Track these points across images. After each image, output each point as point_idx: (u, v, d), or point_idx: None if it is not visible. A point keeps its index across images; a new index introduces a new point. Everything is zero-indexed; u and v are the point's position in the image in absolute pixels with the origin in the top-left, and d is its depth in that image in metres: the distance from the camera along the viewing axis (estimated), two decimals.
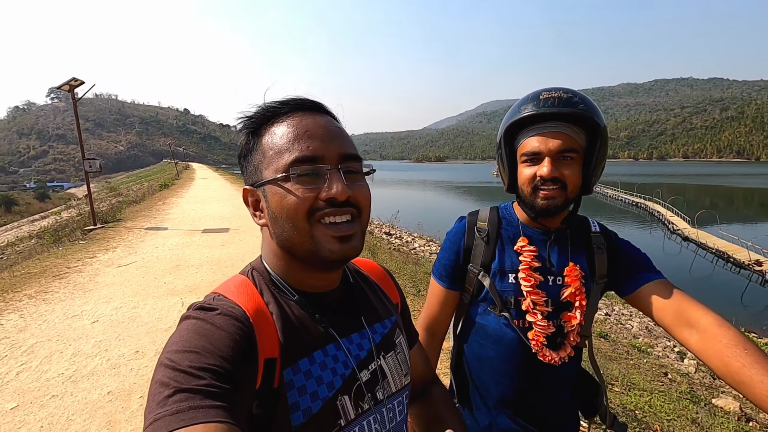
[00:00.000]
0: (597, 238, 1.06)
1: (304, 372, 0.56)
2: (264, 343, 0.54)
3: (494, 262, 1.06)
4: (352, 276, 0.74)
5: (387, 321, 0.72)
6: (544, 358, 1.00)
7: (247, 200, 0.64)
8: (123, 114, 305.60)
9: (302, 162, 0.56)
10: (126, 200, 16.30)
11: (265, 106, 0.61)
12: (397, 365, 0.69)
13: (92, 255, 6.88)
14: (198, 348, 0.48)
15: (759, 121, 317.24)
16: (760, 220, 28.72)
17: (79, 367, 3.13)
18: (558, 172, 0.95)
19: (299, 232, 0.57)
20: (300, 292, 0.62)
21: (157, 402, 0.44)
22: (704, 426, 3.40)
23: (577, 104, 0.93)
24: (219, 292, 0.59)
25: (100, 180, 63.21)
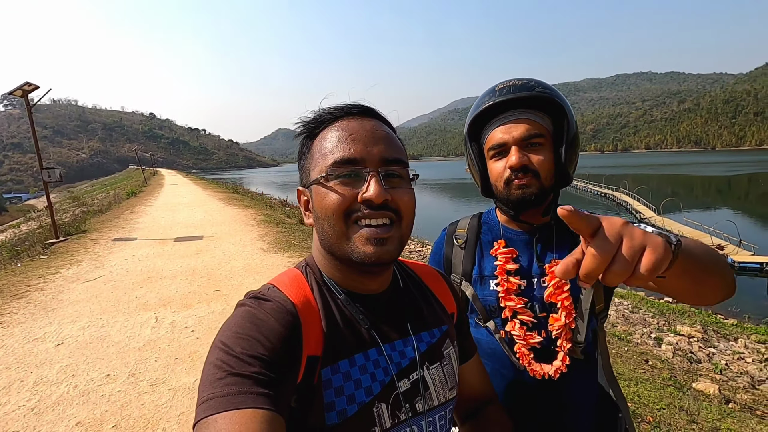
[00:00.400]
0: None
1: (342, 373, 0.57)
2: (309, 340, 0.56)
3: (474, 269, 1.01)
4: (403, 280, 0.72)
5: (436, 330, 0.70)
6: (533, 373, 0.91)
7: (300, 200, 0.67)
8: (84, 120, 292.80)
9: (342, 163, 0.58)
10: (91, 210, 15.52)
11: (318, 111, 0.64)
12: (443, 378, 0.67)
13: (55, 270, 6.46)
14: (250, 335, 0.51)
15: (713, 112, 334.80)
16: (718, 206, 30.25)
17: (43, 397, 2.86)
18: (527, 158, 0.90)
19: (335, 231, 0.58)
20: (347, 292, 0.63)
21: (210, 382, 0.47)
22: (691, 413, 3.46)
23: (534, 87, 0.90)
24: (273, 283, 0.62)
25: (62, 189, 60.29)
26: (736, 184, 48.28)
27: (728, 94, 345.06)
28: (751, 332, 8.53)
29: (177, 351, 3.53)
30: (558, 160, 0.92)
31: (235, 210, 14.12)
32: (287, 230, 9.87)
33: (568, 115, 0.92)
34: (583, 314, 0.90)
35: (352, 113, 0.63)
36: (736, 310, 10.73)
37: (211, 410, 0.45)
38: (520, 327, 0.92)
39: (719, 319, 9.48)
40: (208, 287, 5.37)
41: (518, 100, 0.91)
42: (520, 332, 0.92)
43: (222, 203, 16.66)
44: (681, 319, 9.14)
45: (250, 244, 8.07)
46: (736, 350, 7.44)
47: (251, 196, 23.79)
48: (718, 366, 6.14)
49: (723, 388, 5.00)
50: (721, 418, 3.55)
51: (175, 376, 3.12)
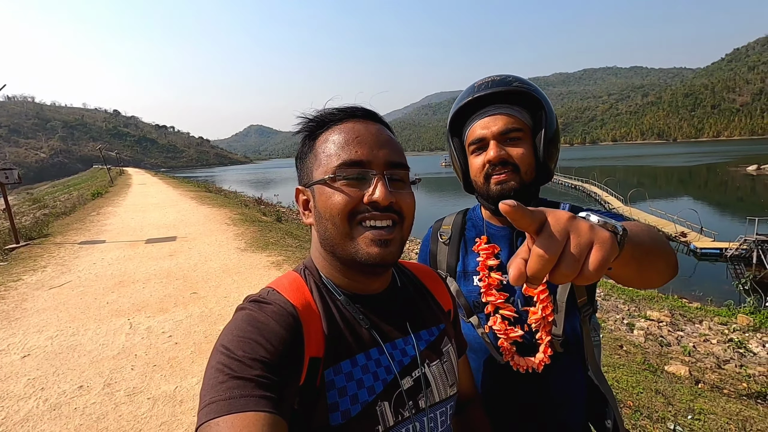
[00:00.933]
0: None
1: (345, 374, 0.57)
2: (311, 342, 0.56)
3: (459, 265, 1.03)
4: (401, 280, 0.73)
5: (434, 328, 0.71)
6: (516, 367, 0.93)
7: (298, 199, 0.66)
8: (42, 118, 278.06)
9: (350, 165, 0.59)
10: (53, 212, 14.76)
11: (322, 111, 0.64)
12: (443, 374, 0.68)
13: (17, 277, 6.09)
14: (251, 339, 0.51)
15: (675, 105, 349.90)
16: (680, 195, 31.73)
17: (10, 413, 2.67)
18: (505, 153, 0.91)
19: (339, 232, 0.59)
20: (347, 293, 0.63)
21: (212, 386, 0.47)
22: (667, 395, 3.59)
23: (511, 82, 0.92)
24: (273, 287, 0.62)
25: (21, 191, 57.14)
26: (696, 174, 50.72)
27: (688, 87, 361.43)
28: (714, 315, 9.00)
29: (154, 358, 3.39)
30: (537, 154, 0.93)
31: (208, 209, 13.74)
32: (264, 229, 9.67)
33: (546, 109, 0.93)
34: (558, 307, 0.91)
35: (356, 116, 0.63)
36: (700, 293, 11.29)
37: (213, 414, 0.45)
38: (502, 322, 0.94)
39: (684, 303, 9.94)
40: (185, 290, 5.19)
41: (497, 95, 0.92)
42: (502, 327, 0.94)
43: (194, 202, 16.17)
44: (650, 304, 9.53)
45: (227, 244, 7.86)
46: (702, 332, 7.83)
47: (224, 194, 23.22)
48: (686, 348, 6.44)
49: (692, 370, 5.24)
50: (693, 399, 3.71)
51: (153, 384, 2.99)
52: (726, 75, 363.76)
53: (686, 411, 3.33)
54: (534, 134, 0.94)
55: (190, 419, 2.58)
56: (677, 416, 3.11)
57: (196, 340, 3.66)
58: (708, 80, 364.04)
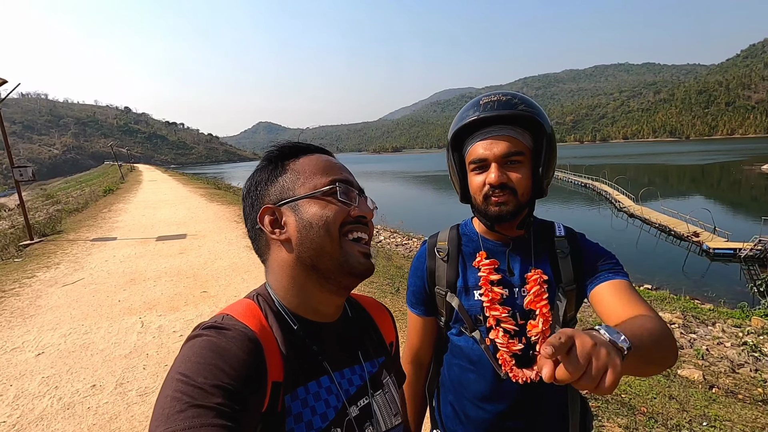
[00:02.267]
0: (560, 243, 1.03)
1: (300, 400, 0.58)
2: (272, 366, 0.55)
3: (459, 281, 1.05)
4: (351, 311, 0.76)
5: (376, 360, 0.73)
6: (515, 378, 0.97)
7: (263, 219, 0.65)
8: (55, 115, 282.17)
9: (343, 182, 0.65)
10: (66, 209, 14.97)
11: (294, 143, 0.70)
12: (386, 404, 0.70)
13: (31, 274, 6.20)
14: (213, 364, 0.49)
15: (687, 103, 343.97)
16: (692, 194, 31.23)
17: (25, 412, 2.73)
18: (505, 177, 0.94)
19: (332, 240, 0.61)
20: (301, 320, 0.64)
21: (167, 416, 0.44)
22: (680, 401, 3.53)
23: (517, 105, 0.93)
24: (227, 312, 0.61)
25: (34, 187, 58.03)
26: (709, 172, 49.88)
27: (701, 84, 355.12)
28: (727, 317, 8.83)
29: (166, 357, 3.42)
30: (536, 176, 0.97)
31: (218, 206, 13.84)
32: None
33: (547, 135, 0.95)
34: (559, 320, 0.97)
35: (322, 151, 0.71)
36: (712, 295, 11.10)
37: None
38: (504, 335, 0.97)
39: (697, 304, 9.77)
40: (195, 288, 5.23)
41: (501, 116, 0.94)
42: (504, 340, 0.97)
43: (204, 200, 16.30)
44: (661, 305, 9.39)
45: (236, 242, 7.90)
46: (715, 335, 7.69)
47: (234, 191, 23.36)
48: (699, 351, 6.33)
49: (706, 374, 5.14)
50: (707, 404, 3.64)
51: None
52: (741, 71, 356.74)
53: (701, 417, 3.26)
54: (533, 155, 0.97)
55: None
56: (692, 423, 3.06)
57: None
58: (722, 77, 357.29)
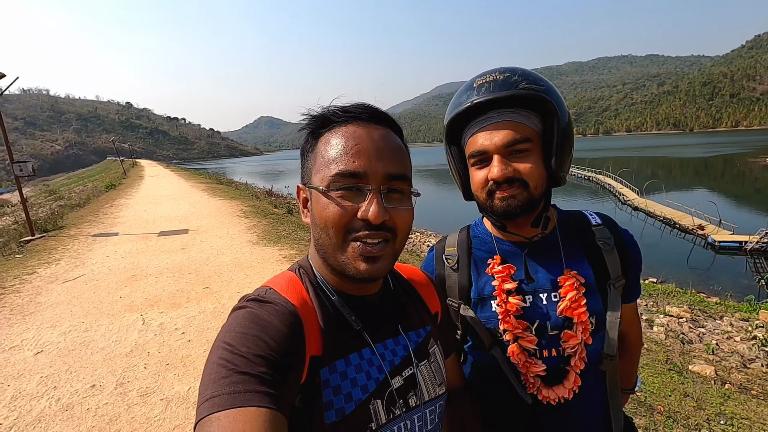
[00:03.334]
0: (601, 232, 0.89)
1: (339, 372, 0.58)
2: (311, 341, 0.57)
3: (472, 291, 0.90)
4: (393, 282, 0.74)
5: (422, 330, 0.72)
6: (544, 400, 0.83)
7: (299, 196, 0.67)
8: (57, 110, 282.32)
9: (345, 176, 0.58)
10: (68, 204, 14.93)
11: (327, 110, 0.62)
12: (431, 374, 0.69)
13: (31, 270, 6.13)
14: (255, 335, 0.51)
15: (691, 95, 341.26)
16: (696, 187, 31.01)
17: (22, 413, 2.64)
18: (511, 170, 0.79)
19: (332, 243, 0.59)
20: (340, 293, 0.64)
21: (213, 380, 0.47)
22: (696, 398, 3.44)
23: (518, 83, 0.78)
24: (270, 286, 0.62)
25: (37, 183, 58.11)
26: (713, 165, 49.51)
27: (705, 76, 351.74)
28: (734, 310, 8.73)
29: (167, 356, 3.33)
30: (548, 164, 0.82)
31: (219, 201, 13.75)
32: (275, 221, 9.62)
33: (558, 111, 0.79)
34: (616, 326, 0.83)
35: (361, 118, 0.61)
36: (718, 288, 11.00)
37: (215, 408, 0.44)
38: (522, 353, 0.84)
39: (703, 298, 9.68)
40: (197, 285, 5.15)
41: (500, 99, 0.79)
42: (520, 359, 0.84)
43: (206, 194, 16.21)
44: (668, 299, 9.30)
45: (238, 237, 7.82)
46: (724, 329, 7.59)
47: (235, 186, 23.29)
48: (710, 346, 6.22)
49: (718, 369, 5.05)
50: (723, 401, 3.55)
51: (167, 384, 2.93)
52: (746, 63, 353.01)
53: (718, 415, 3.17)
54: (544, 140, 0.81)
55: None
56: (710, 422, 2.97)
57: (210, 338, 3.59)
58: (727, 68, 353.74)
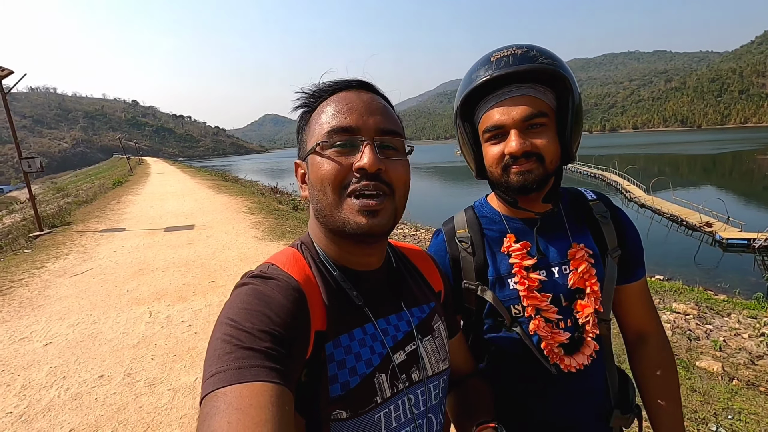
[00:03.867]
0: (597, 206, 0.94)
1: (344, 347, 0.58)
2: (315, 316, 0.57)
3: (489, 271, 0.91)
4: (395, 260, 0.74)
5: (425, 306, 0.72)
6: (566, 368, 0.86)
7: (297, 173, 0.67)
8: (64, 108, 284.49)
9: (338, 131, 0.58)
10: (76, 201, 15.07)
11: (317, 85, 0.64)
12: (435, 350, 0.69)
13: (40, 265, 6.20)
14: (259, 311, 0.51)
15: (699, 91, 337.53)
16: (704, 184, 30.70)
17: (32, 402, 2.69)
18: (529, 144, 0.80)
19: (329, 201, 0.58)
20: (342, 268, 0.64)
21: (218, 356, 0.46)
22: (703, 393, 3.42)
23: (536, 58, 0.79)
24: (272, 262, 0.61)
25: (45, 180, 58.70)
26: (722, 162, 48.97)
27: (714, 72, 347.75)
28: (742, 308, 8.64)
29: (174, 347, 3.36)
30: (563, 139, 0.84)
31: (225, 198, 13.82)
32: (280, 217, 9.65)
33: (572, 88, 0.82)
34: (610, 297, 0.89)
35: (351, 86, 0.63)
36: (726, 285, 10.89)
37: (221, 383, 0.44)
38: (546, 325, 0.86)
39: (710, 295, 9.58)
40: (203, 278, 5.18)
41: (518, 73, 0.79)
42: (546, 331, 0.86)
43: (212, 191, 16.30)
44: (674, 296, 9.23)
45: (244, 233, 7.85)
46: (732, 326, 7.53)
47: (241, 183, 23.39)
48: (717, 343, 6.18)
49: (725, 365, 5.01)
50: (730, 397, 3.53)
51: (174, 374, 2.96)
52: (756, 58, 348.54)
53: (725, 410, 3.15)
54: (558, 116, 0.83)
55: None
56: (717, 416, 2.95)
57: None
58: (736, 64, 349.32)
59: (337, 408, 0.55)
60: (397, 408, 0.61)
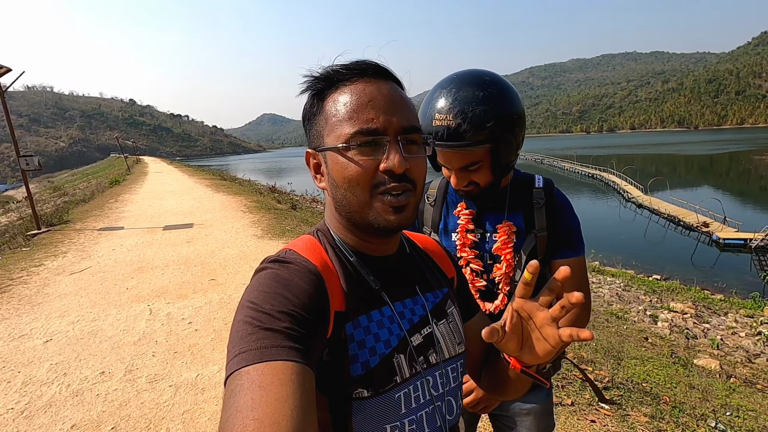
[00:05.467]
0: (538, 193, 1.12)
1: (363, 328, 0.60)
2: (334, 297, 0.58)
3: (441, 223, 1.20)
4: (409, 248, 0.76)
5: (438, 291, 0.74)
6: (483, 309, 1.11)
7: (308, 162, 0.67)
8: (61, 107, 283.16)
9: (364, 134, 0.58)
10: (73, 200, 15.00)
11: (331, 69, 0.62)
12: (450, 333, 0.71)
13: (38, 263, 6.17)
14: (278, 293, 0.52)
15: (696, 92, 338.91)
16: (701, 185, 30.85)
17: (33, 399, 2.68)
18: (467, 179, 1.06)
19: (359, 201, 0.60)
20: (358, 254, 0.66)
21: (241, 337, 0.48)
22: (702, 390, 3.44)
23: (466, 134, 0.97)
24: (290, 248, 0.63)
25: (42, 179, 58.42)
26: (718, 162, 49.22)
27: (711, 73, 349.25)
28: (739, 307, 8.71)
29: (175, 344, 3.36)
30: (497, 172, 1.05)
31: (224, 196, 13.79)
32: (279, 216, 9.65)
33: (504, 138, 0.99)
34: (521, 266, 1.09)
35: (367, 73, 0.61)
36: (722, 285, 10.96)
37: (244, 362, 0.46)
38: (471, 273, 1.13)
39: (707, 295, 9.64)
40: (203, 276, 5.18)
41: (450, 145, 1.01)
42: (470, 277, 1.13)
43: (210, 190, 16.26)
44: (672, 296, 9.27)
45: (243, 231, 7.84)
46: (729, 325, 7.58)
47: (239, 182, 23.33)
48: (714, 341, 6.22)
49: (723, 363, 5.04)
50: (728, 394, 3.55)
51: (175, 371, 2.96)
52: (752, 60, 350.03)
53: (723, 407, 3.17)
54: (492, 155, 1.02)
55: (212, 408, 2.53)
56: (716, 413, 2.97)
57: (216, 327, 3.62)
58: (733, 65, 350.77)
59: (358, 387, 0.57)
60: (416, 389, 0.63)
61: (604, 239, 15.79)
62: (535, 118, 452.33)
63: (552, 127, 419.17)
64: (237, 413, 0.42)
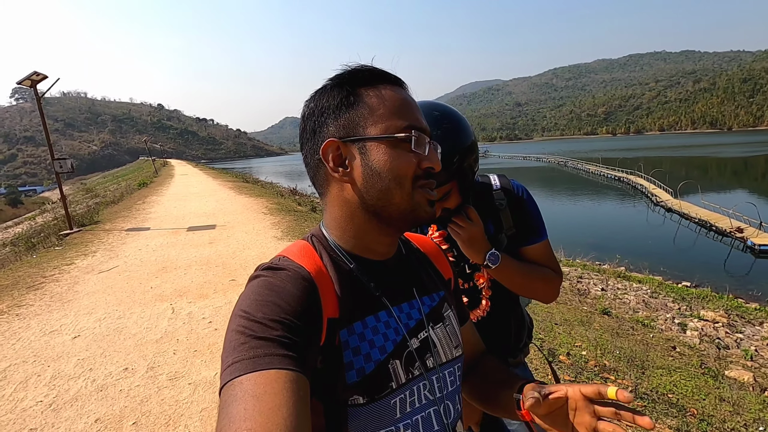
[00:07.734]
0: (498, 195, 1.15)
1: (358, 334, 0.59)
2: (327, 304, 0.58)
3: None
4: (405, 250, 0.76)
5: (435, 294, 0.74)
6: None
7: (327, 153, 0.62)
8: (94, 112, 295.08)
9: (417, 129, 0.61)
10: (103, 201, 15.59)
11: (373, 68, 0.64)
12: (447, 337, 0.71)
13: (69, 261, 6.44)
14: (270, 301, 0.52)
15: (730, 92, 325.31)
16: (734, 188, 29.52)
17: (60, 392, 2.79)
18: (439, 210, 1.07)
19: (403, 192, 0.61)
20: (356, 258, 0.65)
21: (233, 347, 0.48)
22: (733, 403, 3.28)
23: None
24: (284, 254, 0.63)
25: (75, 182, 61.00)
26: (753, 165, 47.01)
27: (746, 72, 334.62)
28: None
29: (195, 343, 3.44)
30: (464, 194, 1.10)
31: (246, 199, 14.06)
32: (300, 218, 9.76)
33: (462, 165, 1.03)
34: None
35: (401, 84, 0.65)
36: (758, 293, 10.44)
37: (237, 372, 0.46)
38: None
39: (741, 303, 9.21)
40: (224, 277, 5.29)
41: None
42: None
43: (233, 192, 16.61)
44: (702, 303, 8.89)
45: (264, 233, 7.97)
46: (764, 335, 7.21)
47: (261, 185, 23.75)
48: (748, 352, 5.93)
49: (757, 375, 4.80)
50: (762, 408, 3.37)
51: (194, 369, 3.03)
52: None
53: (756, 422, 3.02)
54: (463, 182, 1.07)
55: None
56: (748, 427, 2.83)
57: None
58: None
59: (354, 394, 0.57)
60: (412, 393, 0.62)
61: (630, 244, 15.32)
62: (558, 120, 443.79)
63: (576, 129, 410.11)
64: (230, 424, 0.43)
